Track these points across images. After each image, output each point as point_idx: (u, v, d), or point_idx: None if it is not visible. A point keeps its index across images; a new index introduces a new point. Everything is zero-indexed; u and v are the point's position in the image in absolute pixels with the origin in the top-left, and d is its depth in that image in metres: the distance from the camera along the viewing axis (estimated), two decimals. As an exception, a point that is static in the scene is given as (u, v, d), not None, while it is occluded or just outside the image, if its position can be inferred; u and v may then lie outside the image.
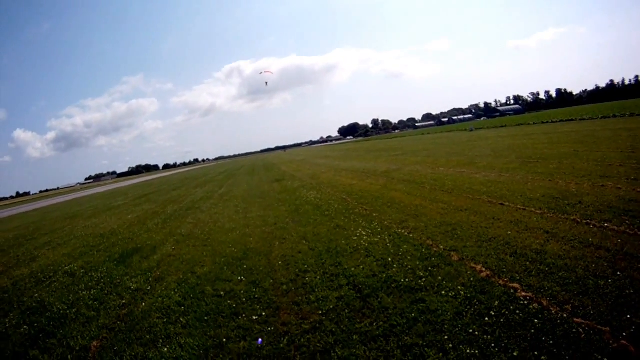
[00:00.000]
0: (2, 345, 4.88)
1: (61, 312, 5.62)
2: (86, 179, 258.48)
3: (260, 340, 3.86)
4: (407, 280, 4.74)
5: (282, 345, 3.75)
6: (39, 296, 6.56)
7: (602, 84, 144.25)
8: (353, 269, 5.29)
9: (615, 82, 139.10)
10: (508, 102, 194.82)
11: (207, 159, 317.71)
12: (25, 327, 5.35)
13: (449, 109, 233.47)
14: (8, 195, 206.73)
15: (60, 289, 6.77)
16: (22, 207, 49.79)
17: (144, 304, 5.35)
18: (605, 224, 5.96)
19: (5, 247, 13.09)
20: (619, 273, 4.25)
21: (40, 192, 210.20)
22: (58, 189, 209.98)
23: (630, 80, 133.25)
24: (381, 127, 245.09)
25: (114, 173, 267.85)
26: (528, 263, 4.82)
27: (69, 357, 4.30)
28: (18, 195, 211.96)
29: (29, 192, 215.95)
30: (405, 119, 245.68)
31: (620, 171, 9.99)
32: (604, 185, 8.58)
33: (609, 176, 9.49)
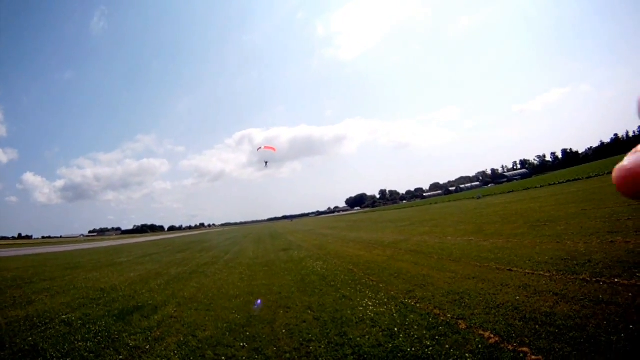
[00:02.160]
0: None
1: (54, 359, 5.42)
2: (90, 232, 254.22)
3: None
4: (413, 349, 4.58)
5: None
6: (33, 340, 6.31)
7: (607, 139, 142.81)
8: (358, 339, 5.12)
9: (620, 135, 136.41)
10: (515, 167, 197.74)
11: (214, 224, 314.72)
12: (15, 368, 5.08)
13: (456, 177, 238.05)
14: (10, 236, 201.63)
15: (56, 336, 6.50)
16: (23, 250, 48.33)
17: (141, 361, 5.13)
18: (615, 280, 5.86)
19: (2, 287, 12.63)
20: (631, 326, 4.13)
21: (43, 237, 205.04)
22: (61, 237, 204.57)
23: (634, 132, 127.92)
24: (389, 198, 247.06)
25: (118, 229, 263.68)
26: (537, 326, 4.67)
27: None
28: (20, 237, 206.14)
29: (31, 236, 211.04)
30: (412, 189, 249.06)
31: (629, 225, 9.93)
32: (612, 241, 8.50)
33: (617, 231, 9.42)
